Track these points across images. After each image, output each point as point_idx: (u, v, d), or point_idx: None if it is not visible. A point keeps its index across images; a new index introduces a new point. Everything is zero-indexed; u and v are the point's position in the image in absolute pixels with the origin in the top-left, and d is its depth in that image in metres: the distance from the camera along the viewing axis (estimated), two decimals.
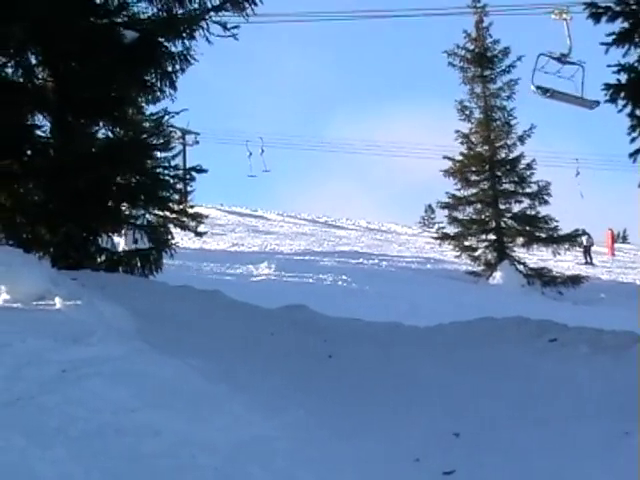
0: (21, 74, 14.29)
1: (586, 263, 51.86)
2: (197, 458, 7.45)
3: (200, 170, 20.12)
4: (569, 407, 9.76)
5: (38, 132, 14.45)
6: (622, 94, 14.08)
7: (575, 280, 42.56)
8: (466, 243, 46.03)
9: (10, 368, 8.33)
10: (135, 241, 16.98)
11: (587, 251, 53.12)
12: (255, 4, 15.56)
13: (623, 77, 14.24)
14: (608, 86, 14.27)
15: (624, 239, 76.42)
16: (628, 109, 14.17)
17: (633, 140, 14.12)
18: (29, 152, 13.87)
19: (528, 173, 45.64)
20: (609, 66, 14.22)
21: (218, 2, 15.18)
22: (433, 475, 8.22)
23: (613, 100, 14.26)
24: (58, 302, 10.00)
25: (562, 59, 27.61)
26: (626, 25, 14.05)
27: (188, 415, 8.01)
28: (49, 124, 14.46)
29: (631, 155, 14.22)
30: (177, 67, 15.42)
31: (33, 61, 14.38)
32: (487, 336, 12.99)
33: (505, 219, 45.99)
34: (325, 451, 8.00)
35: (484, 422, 9.57)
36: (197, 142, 62.45)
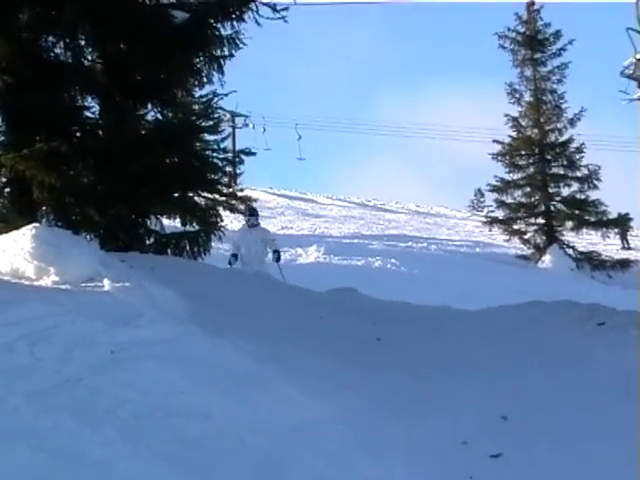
0: (70, 55, 14.21)
1: (623, 248, 51.44)
2: (246, 441, 7.43)
3: (249, 153, 20.29)
4: (618, 392, 9.72)
5: (87, 113, 14.43)
6: None
7: (624, 264, 42.37)
8: (515, 227, 45.93)
9: (60, 349, 8.32)
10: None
11: (623, 235, 52.64)
12: None
13: None
14: None
15: None
16: None
17: None
18: (78, 133, 13.84)
19: (578, 157, 45.47)
20: None
21: None
22: (480, 458, 8.21)
23: None
24: (107, 284, 10.00)
25: None
26: None
27: (238, 397, 8.00)
28: (98, 106, 14.43)
29: None
30: (226, 51, 15.35)
31: (82, 42, 14.28)
32: (536, 320, 12.95)
33: (554, 203, 45.81)
34: (375, 433, 7.99)
35: (532, 405, 9.55)
36: (247, 125, 62.22)
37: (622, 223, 45.53)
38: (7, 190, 13.86)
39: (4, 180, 13.98)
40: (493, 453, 8.32)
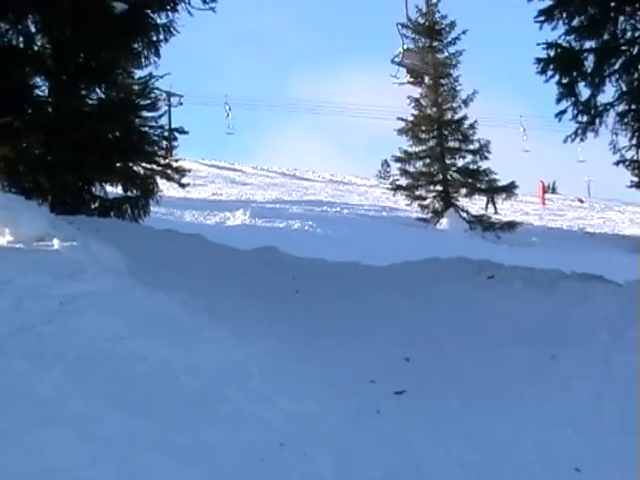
0: (22, 40, 14.16)
1: (491, 211, 52.00)
2: (180, 380, 7.46)
3: (182, 132, 20.11)
4: (505, 335, 9.87)
5: (37, 92, 14.36)
6: (550, 66, 14.15)
7: (511, 225, 43.06)
8: (417, 193, 46.29)
9: (12, 301, 8.30)
10: None
11: (493, 201, 53.19)
12: None
13: (551, 52, 14.30)
14: (538, 60, 14.36)
15: (553, 190, 76.60)
16: (556, 78, 14.25)
17: (559, 102, 14.23)
18: (29, 110, 13.79)
19: (471, 132, 46.11)
20: (538, 44, 14.30)
21: None
22: (386, 394, 8.31)
23: (543, 71, 14.36)
24: (56, 243, 9.97)
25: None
26: (551, 2, 14.14)
27: (173, 342, 8.00)
28: (47, 85, 14.35)
29: (556, 115, 14.34)
30: (161, 37, 15.34)
31: (32, 29, 14.22)
32: (434, 274, 13.05)
33: (451, 172, 46.31)
34: (293, 374, 8.05)
35: (432, 348, 9.65)
36: (181, 103, 62.05)
37: (509, 190, 45.97)
38: None
39: None
40: (397, 390, 8.40)
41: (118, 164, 15.41)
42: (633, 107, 14.19)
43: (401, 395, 8.42)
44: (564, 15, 14.20)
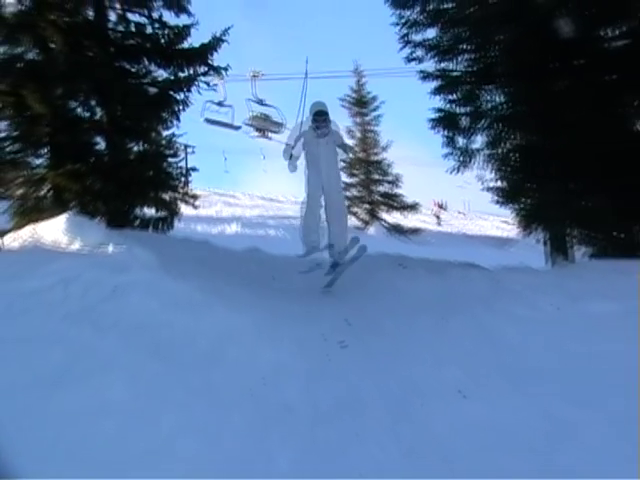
0: (87, 112, 14.16)
1: (438, 224, 52.14)
2: (196, 340, 7.46)
3: (194, 169, 20.13)
4: (413, 306, 9.88)
5: (97, 147, 14.32)
6: (438, 124, 14.24)
7: (416, 231, 43.50)
8: (353, 210, 46.45)
9: (82, 287, 8.28)
10: None
11: (437, 215, 53.52)
12: (227, 70, 15.64)
13: (439, 114, 14.40)
14: (431, 119, 14.44)
15: (444, 207, 76.89)
16: (442, 132, 14.35)
17: (444, 147, 14.38)
18: (92, 159, 13.76)
19: (388, 168, 46.61)
20: (431, 109, 14.41)
21: (204, 70, 15.10)
22: (334, 346, 8.29)
23: (434, 128, 14.45)
24: (110, 248, 9.92)
25: (220, 103, 29.16)
26: (438, 83, 14.24)
27: (191, 315, 7.98)
28: (104, 142, 14.32)
29: (444, 156, 14.45)
30: (180, 108, 15.34)
31: (94, 104, 14.21)
32: (364, 264, 12.95)
33: (375, 196, 46.59)
34: (271, 334, 8.02)
35: (364, 315, 9.63)
36: (193, 152, 61.43)
37: (414, 207, 46.31)
38: (50, 193, 13.69)
39: (48, 187, 13.81)
40: (342, 344, 8.38)
41: (152, 194, 15.35)
42: (493, 152, 14.26)
43: (344, 347, 8.40)
44: (447, 91, 14.28)
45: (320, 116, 9.38)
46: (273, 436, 5.88)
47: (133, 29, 14.77)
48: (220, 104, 28.71)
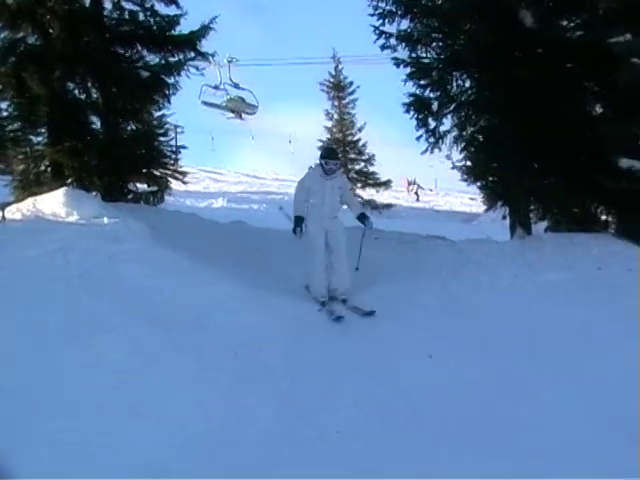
0: (83, 93, 14.07)
1: (417, 200, 52.00)
2: (183, 304, 7.50)
3: (183, 147, 20.07)
4: (386, 274, 9.92)
5: (93, 126, 14.21)
6: (411, 108, 14.20)
7: (388, 206, 43.50)
8: None
9: (79, 256, 8.37)
10: None
11: (417, 193, 53.34)
12: (214, 56, 15.52)
13: (411, 99, 14.36)
14: (404, 104, 14.38)
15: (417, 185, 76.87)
16: (415, 115, 14.32)
17: (417, 129, 14.32)
18: (88, 137, 13.66)
19: (363, 148, 46.38)
20: (404, 94, 14.35)
21: (192, 55, 14.99)
22: (313, 311, 8.46)
23: (407, 111, 14.40)
24: (106, 220, 9.93)
25: (217, 87, 29.03)
26: (411, 69, 14.19)
27: (179, 281, 8.06)
28: (99, 122, 14.23)
29: (416, 138, 14.41)
30: (170, 91, 15.26)
31: (90, 86, 14.11)
32: None
33: (352, 174, 46.51)
34: (254, 300, 8.04)
35: None
36: (182, 132, 60.99)
37: (387, 184, 46.27)
38: (49, 169, 13.60)
39: (47, 163, 13.71)
40: (319, 308, 8.47)
41: (144, 170, 15.24)
42: (461, 133, 14.28)
43: (321, 311, 8.46)
44: (419, 77, 14.24)
45: (332, 159, 9.23)
46: (254, 392, 5.93)
47: (127, 16, 14.60)
48: (216, 87, 28.64)
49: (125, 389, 5.51)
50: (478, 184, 15.54)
